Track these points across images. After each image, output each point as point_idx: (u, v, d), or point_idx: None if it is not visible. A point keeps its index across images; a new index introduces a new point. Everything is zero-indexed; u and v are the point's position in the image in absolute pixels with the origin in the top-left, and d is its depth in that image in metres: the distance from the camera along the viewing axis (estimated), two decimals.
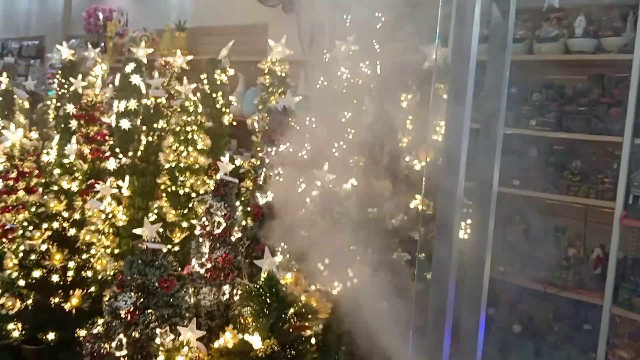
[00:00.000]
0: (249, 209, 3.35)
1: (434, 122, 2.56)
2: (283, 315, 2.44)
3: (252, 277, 3.19)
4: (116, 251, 3.86)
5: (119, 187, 3.98)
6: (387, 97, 2.86)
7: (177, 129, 3.67)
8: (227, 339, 2.60)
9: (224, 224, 2.99)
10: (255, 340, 2.41)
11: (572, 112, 3.82)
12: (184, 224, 3.70)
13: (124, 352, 2.82)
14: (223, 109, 4.12)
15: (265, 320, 2.40)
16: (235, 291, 3.07)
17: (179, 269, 3.09)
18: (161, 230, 3.07)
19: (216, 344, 2.57)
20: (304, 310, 2.45)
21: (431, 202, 2.59)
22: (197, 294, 3.06)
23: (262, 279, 2.49)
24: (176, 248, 3.68)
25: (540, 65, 4.06)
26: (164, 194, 3.75)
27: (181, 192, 3.70)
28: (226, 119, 4.16)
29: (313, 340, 2.56)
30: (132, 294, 2.86)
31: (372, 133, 2.70)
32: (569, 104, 3.87)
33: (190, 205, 3.71)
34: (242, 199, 3.58)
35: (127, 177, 3.92)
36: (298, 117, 3.19)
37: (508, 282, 4.19)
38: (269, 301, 2.40)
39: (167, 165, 3.73)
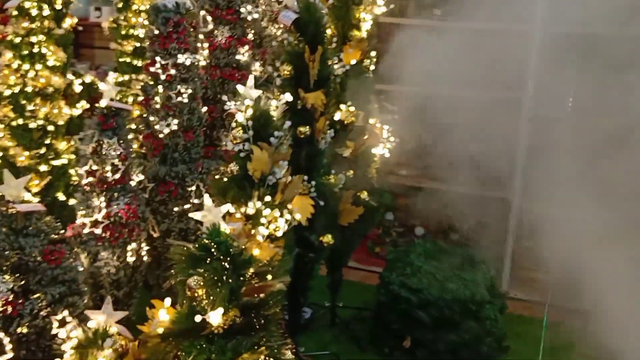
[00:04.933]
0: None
1: None
2: (241, 278, 1.91)
3: (160, 228, 2.56)
4: None
5: None
6: None
7: (17, 40, 2.68)
8: (164, 316, 2.01)
9: (121, 167, 2.27)
10: (214, 316, 1.86)
11: None
12: (43, 168, 2.83)
13: (9, 355, 2.09)
14: (63, 10, 3.14)
15: (225, 289, 1.85)
16: (143, 251, 2.43)
17: (62, 231, 2.34)
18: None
19: (153, 327, 1.96)
20: (270, 267, 1.94)
21: None
22: (93, 260, 2.36)
23: (205, 237, 1.90)
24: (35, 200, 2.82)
25: None
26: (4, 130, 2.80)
27: (32, 125, 2.78)
28: (68, 23, 3.18)
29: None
30: (6, 276, 2.10)
31: None
32: None
33: (47, 142, 2.82)
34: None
35: None
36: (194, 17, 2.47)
37: (409, 185, 4.03)
38: (227, 265, 1.84)
39: (7, 92, 2.75)
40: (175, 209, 2.61)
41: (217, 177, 2.34)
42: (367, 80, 2.76)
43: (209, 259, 1.83)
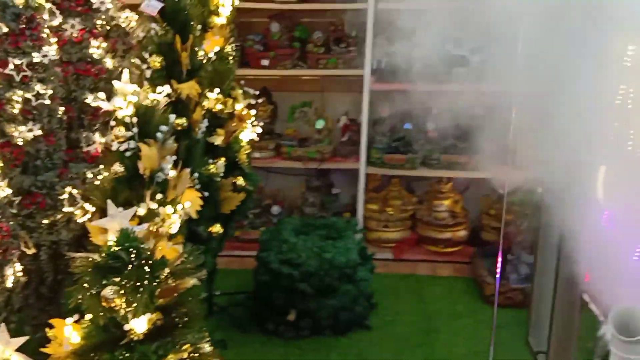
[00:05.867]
0: None
1: None
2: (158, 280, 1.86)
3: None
4: None
5: None
6: None
7: None
8: (71, 333, 1.88)
9: None
10: (138, 322, 1.80)
11: None
12: None
13: None
14: None
15: (147, 293, 1.79)
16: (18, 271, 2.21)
17: None
18: None
19: (67, 347, 1.83)
20: (186, 265, 1.92)
21: None
22: None
23: (114, 244, 1.81)
24: None
25: None
26: None
27: None
28: None
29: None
30: None
31: None
32: None
33: None
34: None
35: None
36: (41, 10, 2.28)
37: (263, 167, 4.11)
38: (147, 269, 1.78)
39: None
40: (45, 221, 2.41)
41: (98, 180, 2.21)
42: (231, 67, 2.77)
43: (129, 266, 1.75)
